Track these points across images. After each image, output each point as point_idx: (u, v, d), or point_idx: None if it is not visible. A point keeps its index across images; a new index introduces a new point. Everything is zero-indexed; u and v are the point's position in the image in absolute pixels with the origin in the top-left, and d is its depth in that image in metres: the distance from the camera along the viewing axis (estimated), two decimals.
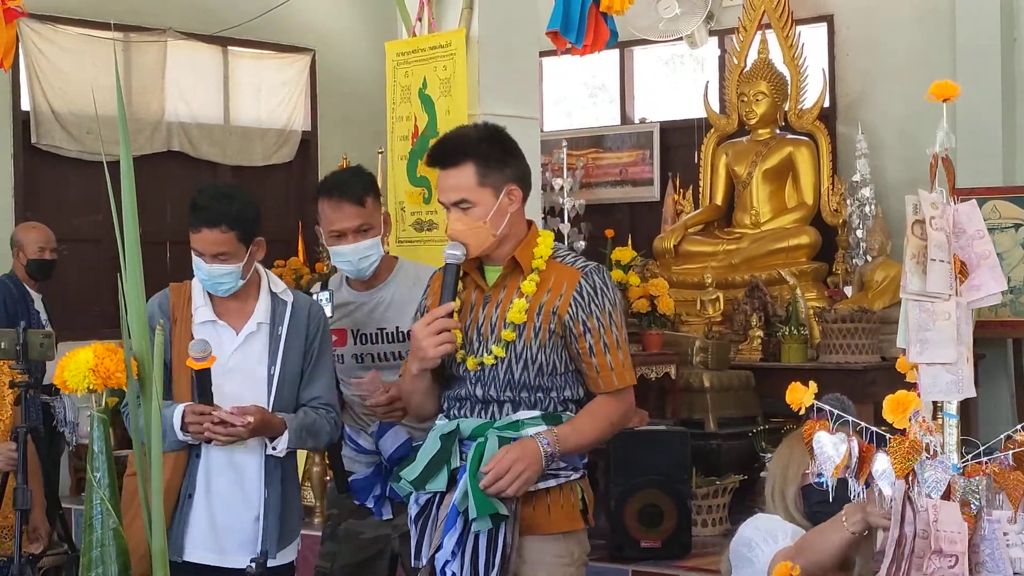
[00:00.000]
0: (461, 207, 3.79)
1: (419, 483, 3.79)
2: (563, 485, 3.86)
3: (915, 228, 2.53)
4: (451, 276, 3.80)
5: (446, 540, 3.71)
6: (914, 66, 9.63)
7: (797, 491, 3.65)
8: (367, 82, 11.20)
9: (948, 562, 2.24)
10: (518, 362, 3.80)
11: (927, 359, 2.44)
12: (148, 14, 10.38)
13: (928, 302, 2.44)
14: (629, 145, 11.22)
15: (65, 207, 10.03)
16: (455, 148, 3.85)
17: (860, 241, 9.25)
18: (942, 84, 2.54)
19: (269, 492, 4.31)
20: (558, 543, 3.86)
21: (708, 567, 6.64)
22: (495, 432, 3.77)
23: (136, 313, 2.16)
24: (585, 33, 5.69)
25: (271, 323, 4.36)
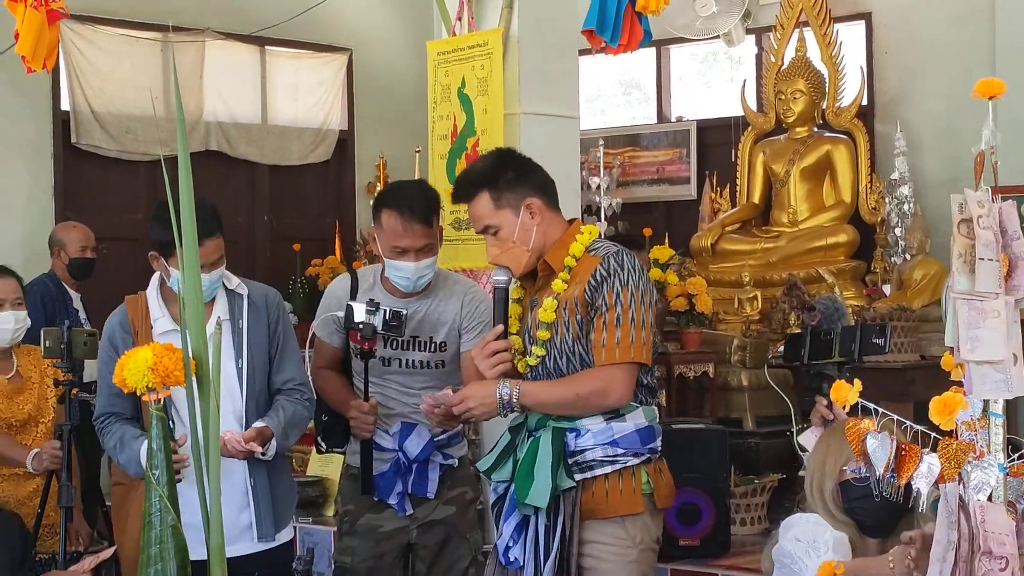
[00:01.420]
0: (490, 233, 4.07)
1: (488, 473, 4.09)
2: (622, 470, 4.02)
3: (961, 227, 2.52)
4: (499, 300, 4.08)
5: (504, 527, 3.99)
6: (953, 64, 9.59)
7: (835, 486, 3.65)
8: (404, 81, 11.24)
9: (999, 564, 2.24)
10: (560, 357, 4.00)
11: (978, 357, 2.43)
12: (186, 14, 10.42)
13: (977, 300, 2.44)
14: (666, 144, 11.21)
15: (104, 206, 10.08)
16: (467, 182, 4.12)
17: (898, 239, 9.23)
18: (988, 81, 2.54)
19: (256, 481, 4.49)
20: (616, 526, 4.03)
21: (746, 566, 6.63)
22: (552, 424, 3.98)
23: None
24: (620, 33, 5.70)
25: (231, 318, 4.49)
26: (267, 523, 4.50)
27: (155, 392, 2.07)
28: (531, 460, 3.95)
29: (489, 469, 4.07)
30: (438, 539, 4.95)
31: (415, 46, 11.27)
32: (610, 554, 4.02)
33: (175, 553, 2.10)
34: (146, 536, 2.11)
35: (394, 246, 4.63)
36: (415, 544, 4.91)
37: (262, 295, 4.58)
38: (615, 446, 4.02)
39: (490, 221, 4.04)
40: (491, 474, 4.06)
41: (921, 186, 9.38)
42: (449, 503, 4.96)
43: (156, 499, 2.08)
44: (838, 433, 3.67)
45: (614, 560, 4.04)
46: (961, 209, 2.54)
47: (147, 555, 2.10)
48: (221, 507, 2.23)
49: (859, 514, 3.56)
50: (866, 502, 3.51)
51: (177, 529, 2.09)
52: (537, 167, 4.13)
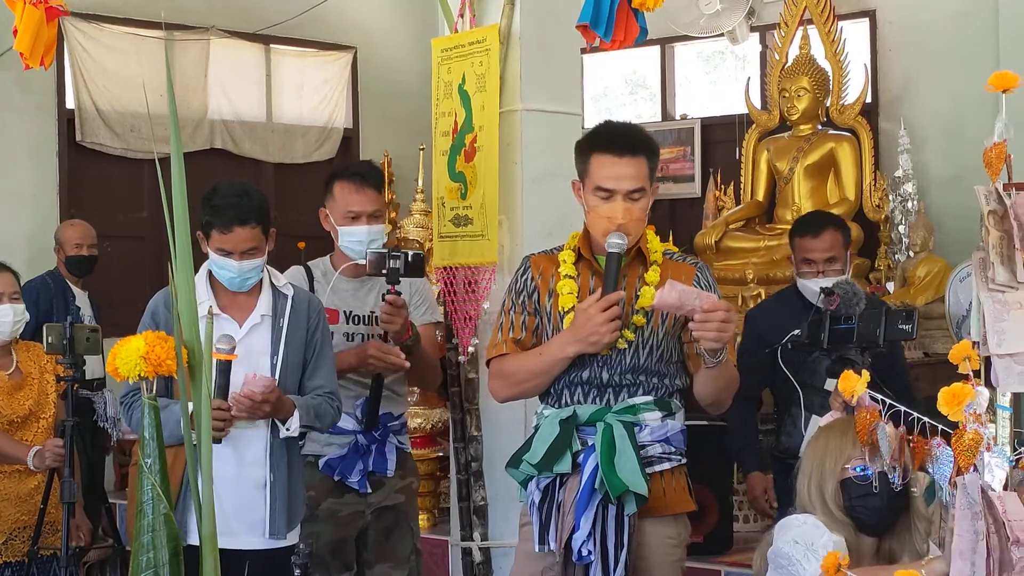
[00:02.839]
0: (633, 196, 3.97)
1: (543, 466, 3.95)
2: (675, 469, 4.09)
3: (990, 218, 2.51)
4: (615, 265, 3.95)
5: (582, 522, 3.88)
6: (957, 61, 9.58)
7: (836, 486, 3.63)
8: (408, 79, 11.25)
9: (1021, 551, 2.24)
10: (644, 347, 4.00)
11: (1006, 349, 2.43)
12: (191, 12, 10.45)
13: (999, 292, 2.44)
14: (670, 141, 11.20)
15: (109, 204, 10.11)
16: (638, 138, 4.06)
17: (902, 237, 9.22)
18: (1002, 75, 2.55)
19: (274, 476, 4.51)
20: (669, 526, 4.09)
21: (750, 563, 6.61)
22: (615, 416, 3.96)
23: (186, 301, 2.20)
24: (615, 28, 5.69)
25: (273, 315, 4.57)
26: (280, 521, 4.52)
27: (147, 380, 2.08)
28: (609, 451, 3.88)
29: (543, 462, 3.95)
30: (387, 525, 5.16)
31: (420, 44, 11.26)
32: (661, 553, 4.04)
33: (167, 540, 2.11)
34: (139, 524, 2.12)
35: (348, 211, 4.98)
36: (368, 529, 5.12)
37: (306, 299, 4.68)
38: (668, 443, 4.05)
39: (644, 184, 3.99)
40: (544, 468, 3.95)
41: (925, 183, 9.37)
42: (400, 491, 5.19)
43: (149, 487, 2.09)
44: (837, 431, 3.66)
45: (663, 559, 4.05)
46: (987, 200, 2.53)
47: (139, 543, 2.11)
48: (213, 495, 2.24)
49: (860, 513, 3.54)
50: (868, 500, 3.50)
51: (169, 517, 2.11)
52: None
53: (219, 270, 4.50)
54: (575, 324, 3.95)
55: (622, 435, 3.91)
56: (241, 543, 4.45)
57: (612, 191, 3.96)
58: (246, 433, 4.44)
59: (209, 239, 4.47)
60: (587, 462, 3.93)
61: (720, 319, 3.77)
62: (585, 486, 3.90)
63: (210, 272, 4.56)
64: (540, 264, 4.14)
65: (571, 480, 3.96)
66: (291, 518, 4.59)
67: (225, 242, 4.42)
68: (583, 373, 4.01)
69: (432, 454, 7.96)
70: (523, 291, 4.12)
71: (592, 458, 3.91)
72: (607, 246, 3.94)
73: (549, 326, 4.08)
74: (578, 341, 3.93)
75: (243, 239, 4.42)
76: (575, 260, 4.09)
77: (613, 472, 3.86)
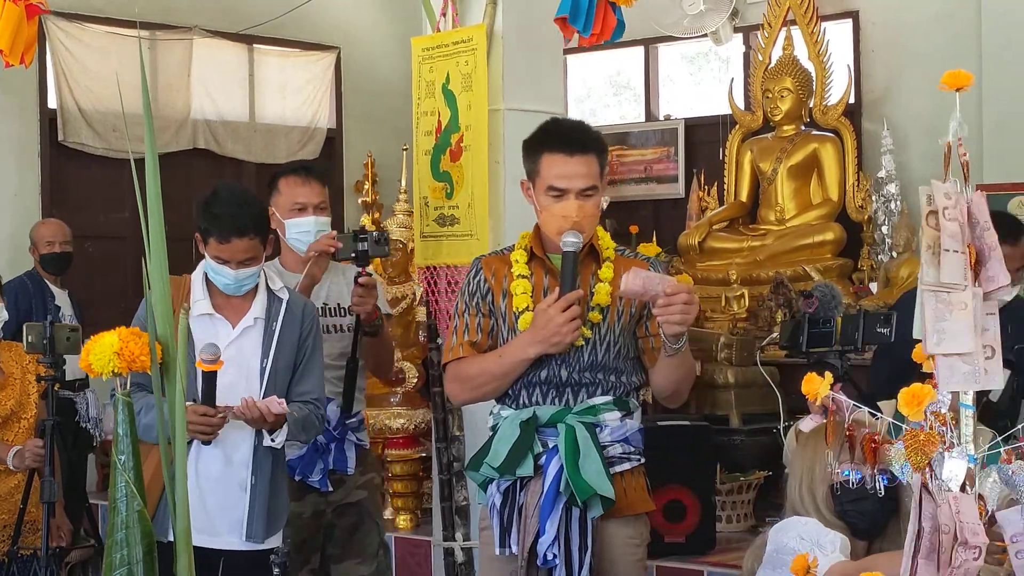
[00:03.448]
0: (586, 194, 3.95)
1: (505, 469, 3.91)
2: (634, 469, 4.04)
3: (929, 219, 2.51)
4: (572, 263, 3.92)
5: (547, 526, 3.85)
6: (940, 62, 9.57)
7: (827, 490, 3.61)
8: (392, 80, 11.23)
9: (972, 554, 2.24)
10: (601, 344, 3.97)
11: (944, 349, 2.42)
12: (174, 12, 10.43)
13: (944, 292, 2.43)
14: (654, 142, 11.21)
15: (91, 204, 10.08)
16: (588, 136, 4.05)
17: (885, 237, 9.24)
18: (955, 73, 2.53)
19: (256, 479, 4.49)
20: (631, 526, 4.05)
21: (732, 563, 6.64)
22: (576, 417, 3.93)
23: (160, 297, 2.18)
24: (593, 23, 5.69)
25: (266, 318, 4.56)
26: (259, 524, 4.49)
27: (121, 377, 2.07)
28: (574, 453, 3.86)
29: (505, 465, 3.91)
30: (352, 522, 5.20)
31: (403, 45, 11.18)
32: (623, 554, 4.01)
33: (141, 538, 2.10)
34: (112, 521, 2.11)
35: (295, 203, 5.10)
36: (331, 527, 5.15)
37: (300, 304, 4.69)
38: (628, 443, 4.02)
39: (596, 182, 3.98)
40: (506, 471, 3.91)
41: (908, 184, 9.39)
42: (362, 487, 5.23)
43: (123, 484, 2.08)
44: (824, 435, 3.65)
45: (626, 559, 4.03)
46: (929, 201, 2.54)
47: (113, 540, 2.10)
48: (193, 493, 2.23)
49: (852, 517, 3.53)
50: (860, 504, 3.49)
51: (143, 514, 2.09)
52: None
53: (215, 275, 4.51)
54: (535, 325, 3.91)
55: (585, 437, 3.89)
56: (222, 543, 4.45)
57: (564, 190, 3.94)
58: (233, 434, 4.43)
59: (207, 245, 4.47)
60: (550, 465, 3.90)
61: (683, 301, 3.74)
62: (549, 489, 3.87)
63: (206, 273, 4.55)
64: (492, 265, 4.10)
65: (533, 483, 3.92)
66: (271, 522, 4.56)
67: (223, 251, 4.43)
68: (541, 372, 3.98)
69: (415, 454, 7.96)
70: (476, 293, 4.08)
71: (555, 461, 3.89)
72: (562, 245, 3.92)
73: (504, 327, 4.04)
74: (539, 342, 3.90)
75: (240, 249, 4.42)
76: (527, 260, 4.06)
77: (579, 475, 3.83)
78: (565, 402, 3.98)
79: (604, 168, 4.04)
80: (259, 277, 4.57)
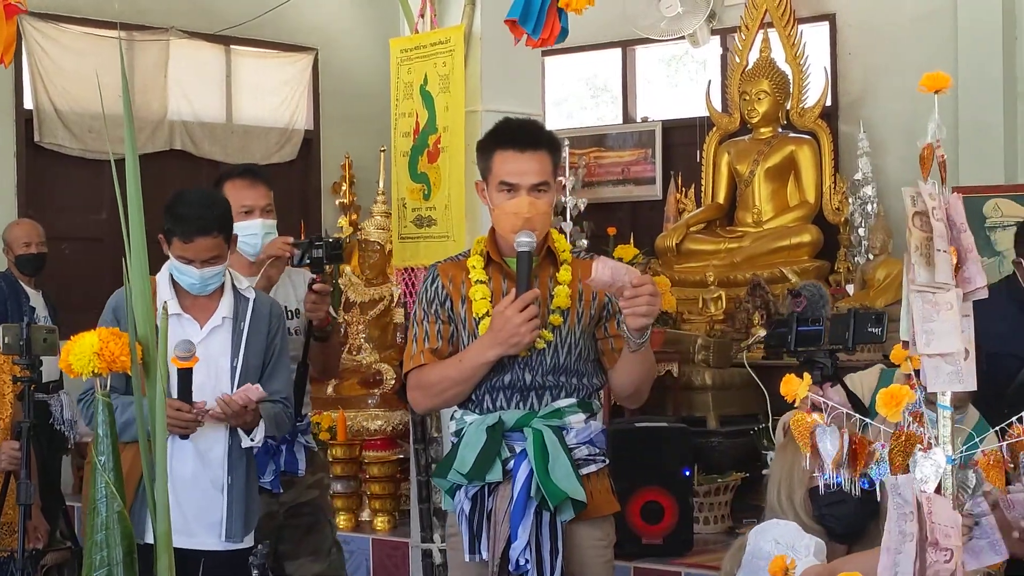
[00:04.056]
0: (538, 190, 3.95)
1: (474, 475, 3.88)
2: (600, 470, 4.03)
3: (915, 220, 2.53)
4: (527, 263, 3.91)
5: (520, 531, 3.84)
6: (916, 66, 9.62)
7: (805, 494, 3.61)
8: (369, 81, 11.22)
9: (944, 556, 2.25)
10: (563, 346, 3.97)
11: (934, 350, 2.43)
12: (151, 13, 10.41)
13: (930, 292, 2.45)
14: (631, 144, 11.23)
15: (67, 206, 10.05)
16: (537, 132, 4.05)
17: (862, 239, 9.27)
18: (933, 76, 2.55)
19: (233, 479, 4.51)
20: (598, 528, 4.05)
21: (709, 564, 6.66)
22: (542, 421, 3.92)
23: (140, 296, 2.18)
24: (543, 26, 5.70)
25: (234, 318, 4.58)
26: (237, 524, 4.52)
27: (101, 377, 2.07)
28: (542, 457, 3.85)
29: (473, 471, 3.88)
30: (307, 521, 5.22)
31: (381, 46, 11.18)
32: (592, 556, 4.01)
33: (121, 539, 2.09)
34: (92, 522, 2.10)
35: (242, 205, 5.04)
36: (284, 527, 5.17)
37: (267, 304, 4.70)
38: (592, 445, 4.02)
39: (548, 179, 3.97)
40: (476, 477, 3.88)
41: (884, 186, 9.43)
42: (313, 487, 5.25)
43: (103, 485, 2.07)
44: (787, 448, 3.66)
45: (594, 561, 4.03)
46: (914, 202, 2.55)
47: (93, 541, 2.10)
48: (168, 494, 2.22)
49: (830, 521, 3.54)
50: (837, 508, 3.50)
51: (123, 515, 2.09)
52: None
53: (180, 275, 4.52)
54: (493, 327, 3.89)
55: (553, 441, 3.88)
56: (199, 543, 4.46)
57: (515, 185, 3.93)
58: (207, 434, 4.44)
59: (171, 245, 4.48)
60: (519, 470, 3.88)
61: (650, 292, 3.75)
62: (520, 495, 3.85)
63: (171, 274, 4.56)
64: (449, 272, 4.07)
65: (502, 488, 3.90)
66: (248, 521, 4.59)
67: (187, 251, 4.45)
68: (505, 377, 3.96)
69: (392, 456, 7.95)
70: (434, 300, 4.04)
71: (524, 465, 3.87)
72: (516, 245, 3.90)
73: (465, 333, 4.01)
74: (498, 344, 3.88)
75: (205, 248, 4.44)
76: (484, 264, 4.04)
77: (549, 480, 3.83)
78: (529, 406, 3.97)
79: (556, 166, 4.04)
80: (224, 277, 4.58)
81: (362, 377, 8.38)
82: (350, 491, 7.93)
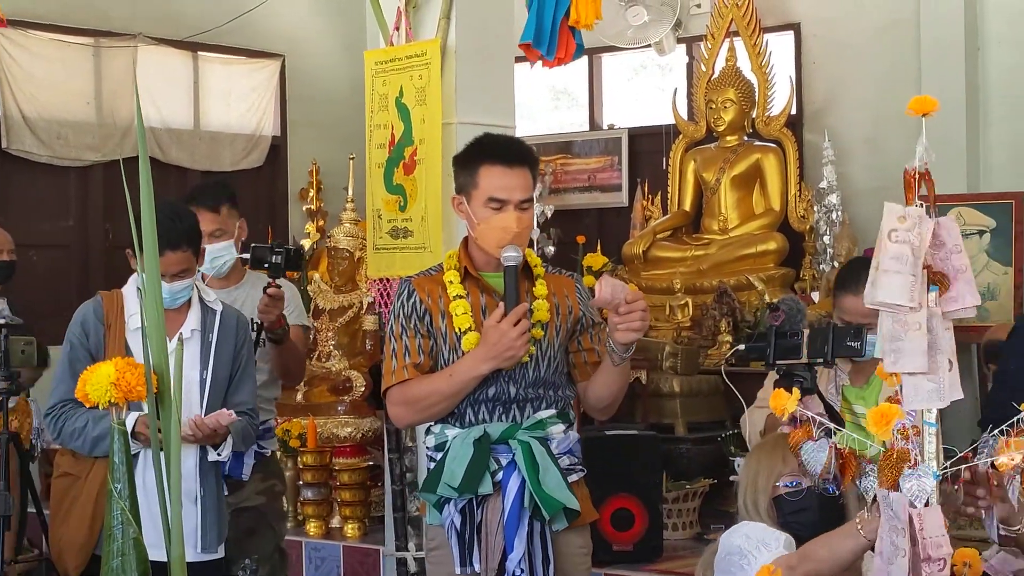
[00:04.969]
0: (523, 207, 3.98)
1: (464, 488, 3.91)
2: (580, 479, 4.10)
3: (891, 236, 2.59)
4: (514, 278, 3.95)
5: (516, 543, 3.88)
6: (880, 74, 9.75)
7: (769, 502, 3.66)
8: (337, 88, 11.25)
9: (937, 566, 2.31)
10: (544, 359, 4.03)
11: (900, 368, 2.49)
12: (119, 19, 10.38)
13: (901, 313, 2.50)
14: (598, 151, 11.28)
15: (35, 212, 10.01)
16: (523, 149, 4.11)
17: (827, 247, 9.35)
18: (921, 99, 2.61)
19: (205, 491, 4.56)
20: (580, 535, 4.12)
21: (679, 570, 6.72)
22: (527, 433, 3.97)
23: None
24: (557, 46, 5.77)
25: (202, 330, 4.64)
26: (211, 534, 4.57)
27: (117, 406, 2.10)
28: (533, 468, 3.90)
29: (464, 484, 3.89)
30: (248, 525, 5.26)
31: (348, 53, 11.28)
32: (575, 563, 4.07)
33: (137, 565, 2.13)
34: (108, 548, 2.14)
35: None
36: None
37: (234, 316, 4.77)
38: (572, 455, 4.08)
39: (531, 195, 4.03)
40: (467, 490, 3.90)
41: (849, 194, 9.51)
42: (261, 493, 5.33)
43: (118, 512, 2.11)
44: (767, 448, 3.71)
45: (577, 569, 4.09)
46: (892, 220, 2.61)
47: (109, 567, 2.13)
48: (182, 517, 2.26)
49: (794, 528, 3.57)
50: (801, 516, 3.54)
51: (139, 542, 2.12)
52: None
53: None
54: (487, 342, 3.91)
55: (541, 452, 3.93)
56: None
57: (505, 201, 3.96)
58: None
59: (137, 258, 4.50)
60: (509, 481, 3.92)
61: (642, 308, 3.83)
62: (513, 506, 3.89)
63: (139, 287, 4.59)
64: (425, 286, 4.08)
65: (492, 500, 3.94)
66: (220, 531, 4.64)
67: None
68: (489, 390, 4.00)
69: (362, 463, 7.99)
70: (412, 315, 4.04)
71: (515, 477, 3.91)
72: (504, 260, 3.93)
73: (445, 348, 4.03)
74: (493, 358, 3.91)
75: (173, 262, 4.47)
76: (461, 279, 4.07)
77: (543, 490, 3.88)
78: (512, 418, 4.01)
79: (535, 182, 4.10)
80: (192, 290, 4.63)
81: (332, 384, 8.41)
82: (320, 498, 7.96)
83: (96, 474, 4.46)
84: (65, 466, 4.70)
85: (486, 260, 4.04)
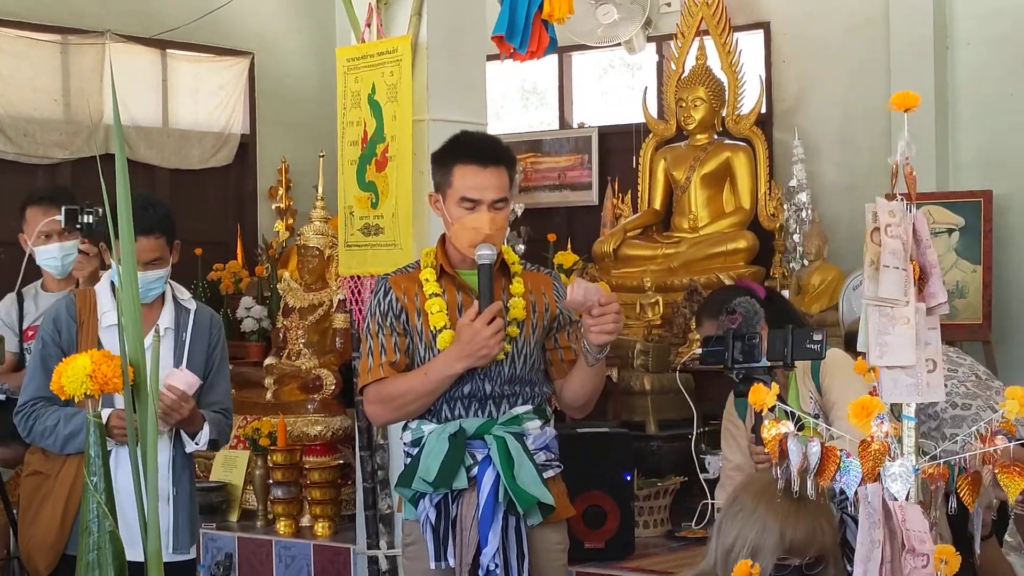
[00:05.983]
0: (497, 206, 3.99)
1: (440, 482, 3.92)
2: (556, 476, 4.11)
3: (874, 235, 2.59)
4: (488, 276, 3.96)
5: (490, 537, 3.89)
6: (849, 73, 9.78)
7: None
8: (306, 86, 11.23)
9: (920, 561, 2.31)
10: (519, 357, 4.04)
11: (887, 362, 2.50)
12: (87, 16, 10.33)
13: (887, 307, 2.51)
14: (568, 149, 11.28)
15: (1, 210, 9.94)
16: (498, 148, 4.10)
17: (797, 245, 9.36)
18: (903, 95, 2.61)
19: (178, 490, 4.55)
20: (556, 531, 4.13)
21: (650, 568, 6.72)
22: (502, 428, 3.98)
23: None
24: (529, 40, 5.76)
25: (176, 329, 4.64)
26: (184, 534, 4.55)
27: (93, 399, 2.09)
28: (508, 463, 3.91)
29: (439, 479, 3.91)
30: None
31: (317, 50, 11.26)
32: (551, 559, 4.08)
33: (112, 559, 2.11)
34: (84, 542, 2.12)
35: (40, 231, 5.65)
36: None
37: (207, 315, 4.76)
38: (549, 451, 4.09)
39: (506, 194, 4.03)
40: (442, 485, 3.91)
41: (818, 193, 9.54)
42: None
43: (94, 505, 2.09)
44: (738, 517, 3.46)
45: (553, 565, 4.10)
46: (875, 218, 2.61)
47: (85, 562, 2.11)
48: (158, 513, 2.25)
49: None
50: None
51: (115, 535, 2.11)
52: None
53: None
54: (461, 340, 3.92)
55: (516, 447, 3.95)
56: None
57: (478, 201, 3.97)
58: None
59: (112, 249, 4.48)
60: (484, 476, 3.94)
61: (615, 310, 3.85)
62: (487, 501, 3.91)
63: (113, 282, 4.56)
64: (401, 284, 4.09)
65: (467, 495, 3.96)
66: (192, 531, 4.64)
67: None
68: (464, 388, 4.01)
69: (332, 462, 7.96)
70: (389, 313, 4.05)
71: (489, 472, 3.93)
72: (478, 258, 3.95)
73: (421, 346, 4.04)
74: (466, 357, 3.92)
75: (146, 249, 4.46)
76: (437, 277, 4.08)
77: (517, 485, 3.89)
78: (488, 414, 4.02)
79: (512, 181, 4.10)
80: (165, 286, 4.60)
81: (301, 382, 8.38)
82: (290, 497, 7.92)
83: (67, 472, 4.44)
84: (35, 464, 4.68)
85: (462, 258, 4.05)
